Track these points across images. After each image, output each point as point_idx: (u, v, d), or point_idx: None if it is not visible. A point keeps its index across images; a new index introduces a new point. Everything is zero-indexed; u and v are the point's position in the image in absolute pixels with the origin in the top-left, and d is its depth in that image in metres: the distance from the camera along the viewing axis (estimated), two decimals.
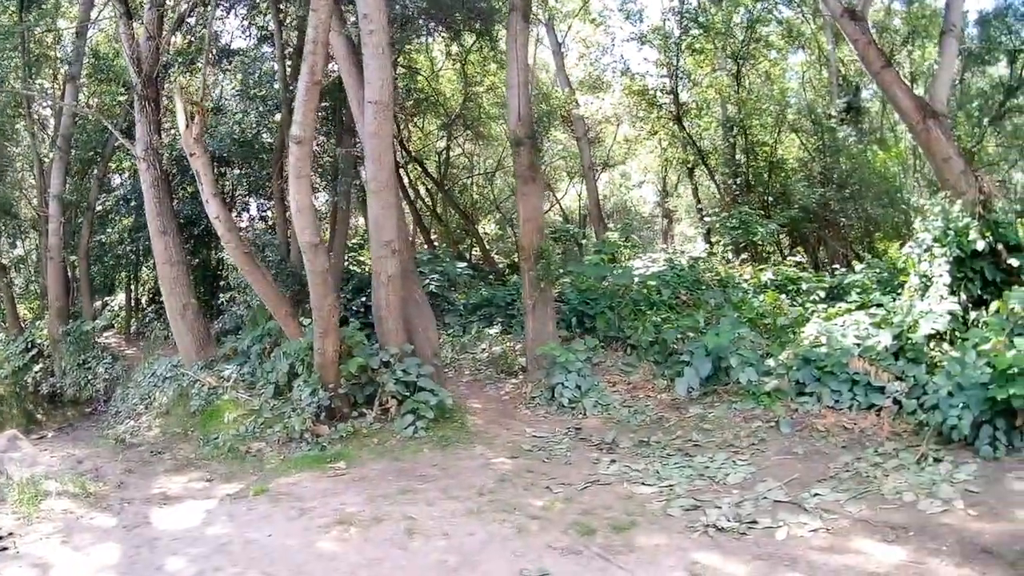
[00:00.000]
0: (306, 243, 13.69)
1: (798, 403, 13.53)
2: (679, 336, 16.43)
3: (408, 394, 14.82)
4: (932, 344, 13.89)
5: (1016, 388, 10.29)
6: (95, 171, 25.76)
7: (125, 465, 14.12)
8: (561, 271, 17.75)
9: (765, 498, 10.10)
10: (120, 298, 31.24)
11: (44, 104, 26.02)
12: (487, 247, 32.08)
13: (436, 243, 31.65)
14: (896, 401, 12.75)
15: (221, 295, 24.44)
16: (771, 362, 14.62)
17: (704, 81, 29.28)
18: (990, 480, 9.86)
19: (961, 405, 11.01)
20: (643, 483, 11.10)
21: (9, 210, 27.84)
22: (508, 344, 18.82)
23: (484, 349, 19.58)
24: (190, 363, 18.47)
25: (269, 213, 24.07)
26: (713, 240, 26.27)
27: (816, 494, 10.05)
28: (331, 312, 14.24)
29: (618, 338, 18.14)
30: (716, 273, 20.88)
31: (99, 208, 26.25)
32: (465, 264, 25.65)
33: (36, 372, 23.81)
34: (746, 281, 20.62)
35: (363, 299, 20.71)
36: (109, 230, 27.42)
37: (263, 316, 18.24)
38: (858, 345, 13.97)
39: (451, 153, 30.81)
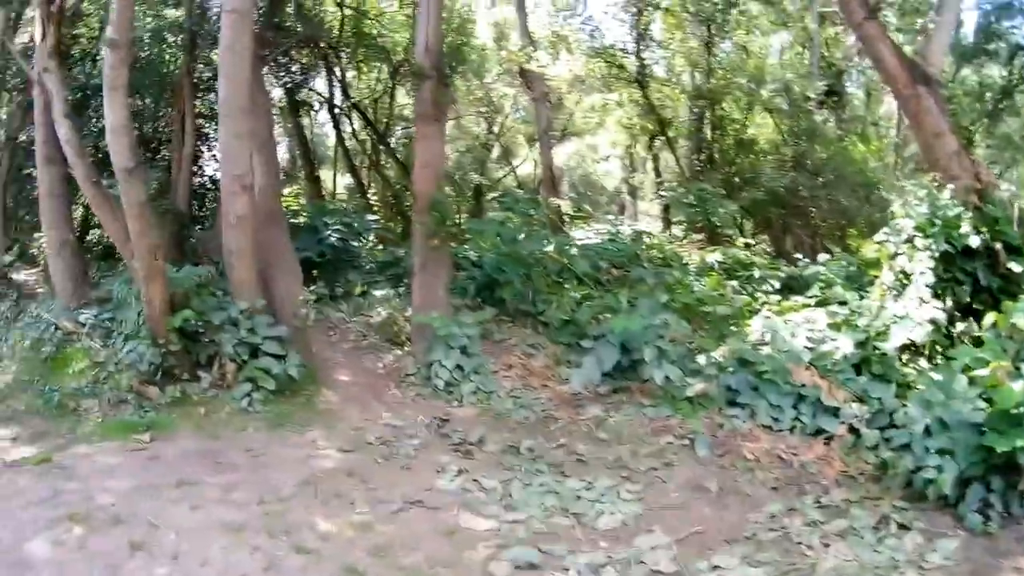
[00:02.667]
0: (119, 168, 10.84)
1: (726, 416, 9.85)
2: (593, 317, 12.63)
3: (248, 359, 11.60)
4: (906, 358, 10.47)
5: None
6: (19, 98, 22.46)
7: None
8: (456, 226, 13.93)
9: (641, 562, 6.63)
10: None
11: None
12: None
13: (373, 197, 28.12)
14: (853, 429, 9.21)
15: None
16: (702, 359, 10.91)
17: (672, 45, 25.86)
18: (978, 566, 6.58)
19: (942, 451, 7.37)
20: (482, 512, 7.91)
21: None
22: (400, 309, 15.04)
23: (380, 313, 15.88)
24: (66, 305, 15.25)
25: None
26: (672, 218, 23.14)
27: (717, 567, 6.51)
28: (152, 253, 11.30)
29: (530, 314, 14.42)
30: (660, 251, 17.13)
31: (23, 138, 23.15)
32: (376, 217, 22.06)
33: None
34: (693, 263, 16.96)
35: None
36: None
37: None
38: (810, 350, 10.38)
39: (396, 103, 27.10)
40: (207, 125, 18.37)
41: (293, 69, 21.26)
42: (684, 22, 25.17)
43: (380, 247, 21.01)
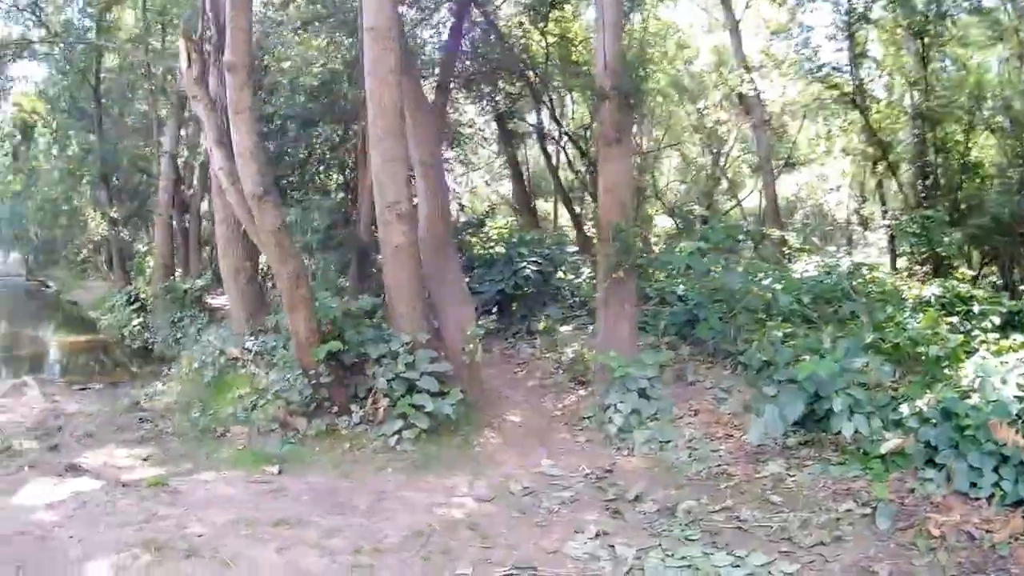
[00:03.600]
0: (249, 194, 10.57)
1: (920, 479, 7.87)
2: (795, 359, 10.77)
3: (404, 394, 10.67)
4: None
5: None
6: None
7: (94, 427, 11.92)
8: (643, 257, 12.46)
9: None
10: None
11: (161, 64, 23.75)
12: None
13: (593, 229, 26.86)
14: None
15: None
16: (905, 409, 8.79)
17: (887, 61, 23.30)
18: None
19: None
20: None
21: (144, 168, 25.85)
22: (589, 346, 13.67)
23: (576, 349, 14.58)
24: (240, 331, 15.24)
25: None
26: (898, 250, 20.55)
27: None
28: (294, 282, 10.86)
29: (731, 353, 12.71)
30: (878, 284, 14.88)
31: None
32: (576, 249, 20.74)
33: (134, 326, 22.34)
34: (911, 298, 14.57)
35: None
36: None
37: (323, 283, 15.39)
38: (1020, 399, 8.10)
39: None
40: None
41: (498, 99, 20.56)
42: (897, 36, 22.61)
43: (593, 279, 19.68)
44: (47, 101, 29.06)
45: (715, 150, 26.82)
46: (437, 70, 17.35)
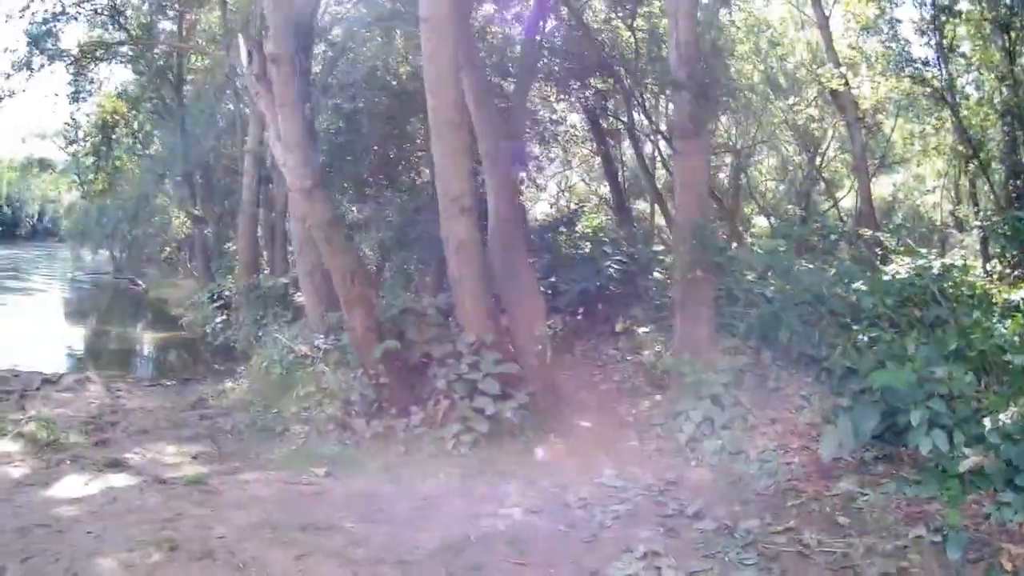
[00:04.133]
0: (296, 187, 10.65)
1: (998, 503, 6.94)
2: (877, 366, 9.89)
3: (465, 396, 10.27)
4: None
5: None
6: None
7: (151, 423, 12.03)
8: (721, 254, 11.64)
9: None
10: None
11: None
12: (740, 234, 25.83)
13: None
14: None
15: None
16: (989, 422, 7.89)
17: (976, 55, 21.66)
18: None
19: None
20: None
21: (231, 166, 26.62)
22: (668, 348, 12.97)
23: (659, 352, 13.89)
24: (314, 328, 15.16)
25: None
26: (991, 252, 19.22)
27: None
28: (348, 278, 10.62)
29: (815, 359, 11.86)
30: (970, 288, 13.73)
31: None
32: (661, 248, 19.93)
33: (217, 323, 22.40)
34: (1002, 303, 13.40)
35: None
36: None
37: (400, 280, 15.98)
38: None
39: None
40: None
41: (587, 95, 19.93)
42: (985, 30, 21.20)
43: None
44: (127, 101, 29.46)
45: (811, 149, 25.59)
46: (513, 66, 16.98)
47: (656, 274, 16.86)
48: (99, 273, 42.40)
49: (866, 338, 10.79)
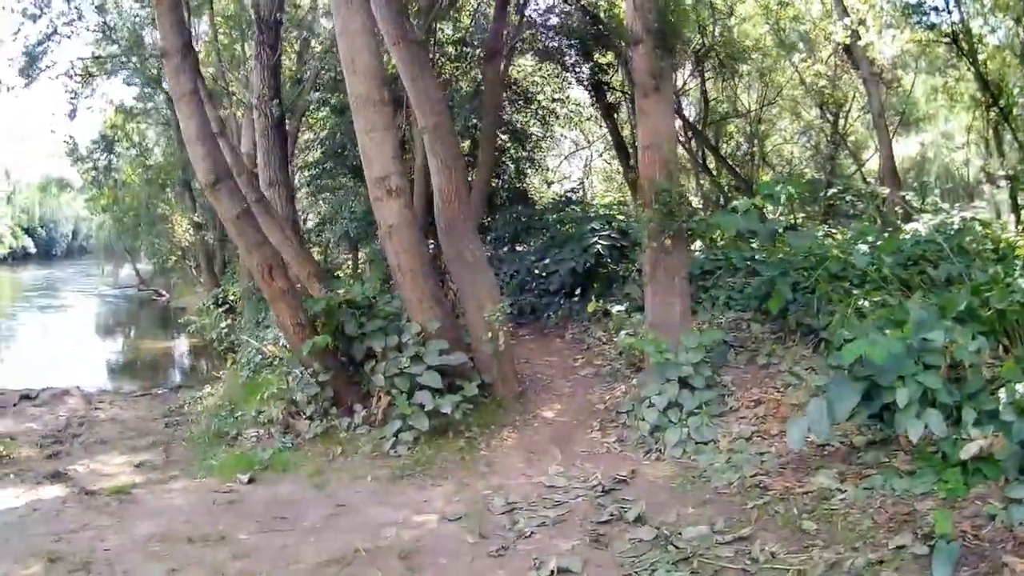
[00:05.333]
0: (203, 183, 9.83)
1: (1006, 498, 5.41)
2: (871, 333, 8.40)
3: (406, 391, 9.21)
4: None
5: None
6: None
7: (115, 433, 11.68)
8: (690, 219, 10.21)
9: None
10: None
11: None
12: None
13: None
14: None
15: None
16: (1004, 395, 6.30)
17: None
18: None
19: None
20: None
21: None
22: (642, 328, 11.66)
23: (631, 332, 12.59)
24: None
25: None
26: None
27: None
28: (267, 271, 9.63)
29: (813, 329, 10.44)
30: (994, 242, 12.11)
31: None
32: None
33: (222, 328, 21.37)
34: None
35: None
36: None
37: (378, 271, 14.44)
38: None
39: (707, 93, 23.18)
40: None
41: (582, 69, 18.75)
42: None
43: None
44: (124, 113, 29.07)
45: (833, 111, 23.95)
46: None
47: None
48: (127, 287, 42.35)
49: (867, 303, 9.35)
